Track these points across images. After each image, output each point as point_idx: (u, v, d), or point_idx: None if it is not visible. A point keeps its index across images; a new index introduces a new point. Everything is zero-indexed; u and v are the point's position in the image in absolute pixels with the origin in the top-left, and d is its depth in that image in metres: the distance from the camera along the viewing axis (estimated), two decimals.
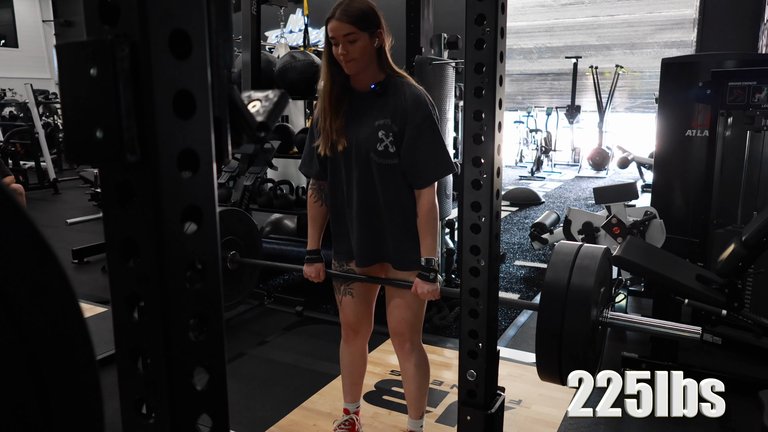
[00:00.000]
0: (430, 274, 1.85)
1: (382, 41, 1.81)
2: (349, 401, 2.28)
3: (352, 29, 1.73)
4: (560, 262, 1.54)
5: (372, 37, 1.77)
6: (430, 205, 1.85)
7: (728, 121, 3.13)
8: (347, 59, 1.75)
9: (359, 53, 1.75)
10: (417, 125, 1.80)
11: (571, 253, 1.56)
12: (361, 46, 1.75)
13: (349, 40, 1.74)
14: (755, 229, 2.40)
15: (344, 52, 1.75)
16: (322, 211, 2.05)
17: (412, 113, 1.80)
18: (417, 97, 1.81)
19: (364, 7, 1.76)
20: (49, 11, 16.40)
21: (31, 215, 0.41)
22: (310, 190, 2.05)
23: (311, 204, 2.05)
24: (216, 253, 0.50)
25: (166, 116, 0.45)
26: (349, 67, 1.77)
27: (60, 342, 0.43)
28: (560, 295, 1.50)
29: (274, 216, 4.59)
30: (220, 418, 0.53)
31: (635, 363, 2.82)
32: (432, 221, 1.86)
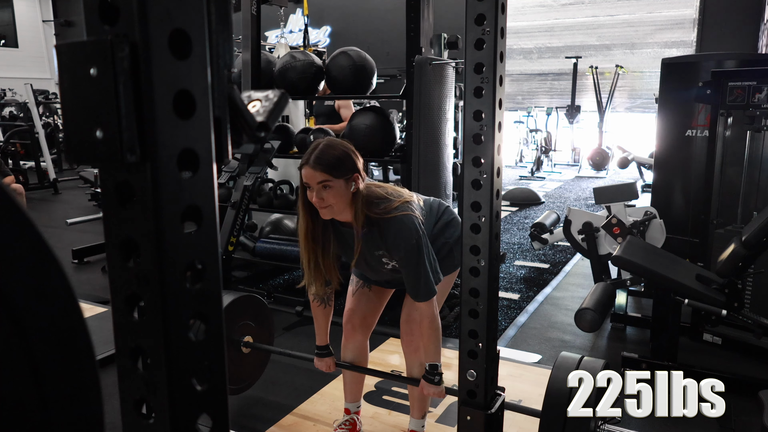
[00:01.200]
0: (434, 378, 1.94)
1: (358, 185, 1.77)
2: (349, 400, 2.28)
3: (325, 177, 1.71)
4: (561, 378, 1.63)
5: (348, 182, 1.74)
6: (429, 320, 1.89)
7: (728, 121, 3.13)
8: (322, 206, 1.74)
9: (334, 199, 1.73)
10: (399, 260, 1.84)
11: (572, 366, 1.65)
12: (336, 192, 1.72)
13: (323, 186, 1.72)
14: (755, 229, 2.40)
15: (318, 199, 1.72)
16: (326, 312, 2.09)
17: (394, 251, 1.83)
18: (397, 237, 1.79)
19: (338, 154, 1.73)
20: (49, 11, 16.41)
21: (31, 215, 0.41)
22: (311, 296, 2.05)
23: (314, 308, 2.09)
24: (216, 253, 0.50)
25: (166, 116, 0.45)
26: (325, 213, 1.76)
27: (60, 342, 0.43)
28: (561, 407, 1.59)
29: (274, 216, 4.59)
30: (220, 418, 0.53)
31: (635, 363, 2.82)
32: (433, 332, 1.90)
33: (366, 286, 2.15)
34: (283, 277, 4.41)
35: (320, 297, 2.01)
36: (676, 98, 3.77)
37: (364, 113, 3.61)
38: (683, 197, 3.85)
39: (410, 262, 1.80)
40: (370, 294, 2.15)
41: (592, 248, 3.57)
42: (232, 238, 3.66)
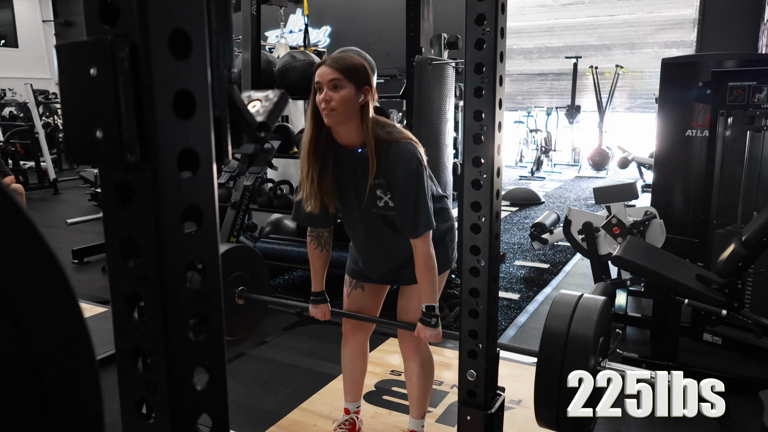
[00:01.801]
0: (431, 320, 1.89)
1: (367, 99, 1.74)
2: (349, 401, 2.28)
3: (338, 75, 1.69)
4: (559, 314, 1.59)
5: (358, 91, 1.72)
6: (424, 257, 1.84)
7: (728, 121, 3.13)
8: (328, 107, 1.70)
9: (340, 103, 1.69)
10: (398, 186, 1.78)
11: (570, 305, 1.60)
12: (345, 95, 1.70)
13: (334, 85, 1.70)
14: (755, 229, 2.40)
15: (326, 98, 1.70)
16: (324, 256, 2.05)
17: (394, 175, 1.77)
18: (398, 158, 1.76)
19: (356, 62, 1.73)
20: (49, 11, 16.40)
21: (31, 215, 0.41)
22: (309, 238, 2.03)
23: (311, 250, 2.05)
24: (216, 252, 0.50)
25: (166, 116, 0.45)
26: (329, 116, 1.71)
27: (60, 342, 0.43)
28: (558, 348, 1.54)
29: (274, 216, 4.59)
30: (220, 418, 0.53)
31: (635, 363, 2.82)
32: (429, 271, 1.85)
33: (359, 286, 2.12)
34: (283, 277, 4.42)
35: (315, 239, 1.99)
36: (676, 98, 3.77)
37: None
38: (683, 197, 3.85)
39: (409, 188, 1.75)
40: (365, 295, 2.13)
41: (592, 248, 3.57)
42: (232, 238, 3.66)
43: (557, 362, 1.52)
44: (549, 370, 1.53)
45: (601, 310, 1.58)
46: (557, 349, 1.53)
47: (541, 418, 1.59)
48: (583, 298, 1.62)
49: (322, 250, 2.03)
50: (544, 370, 1.54)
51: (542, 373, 1.55)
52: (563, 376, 1.50)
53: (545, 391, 1.54)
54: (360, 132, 1.76)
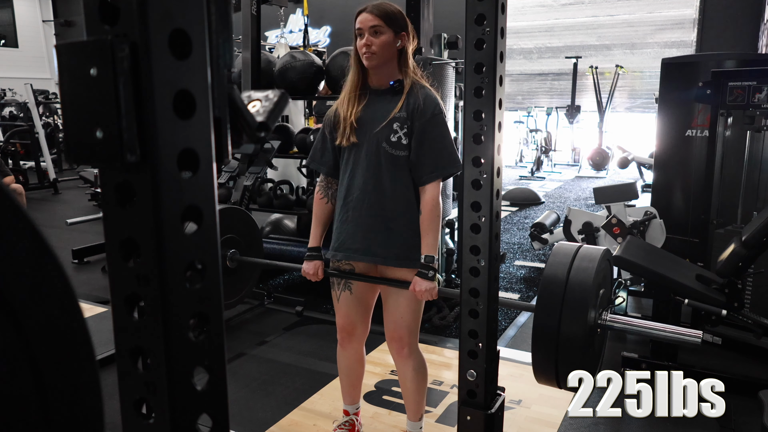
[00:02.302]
0: (429, 272, 1.85)
1: (404, 44, 1.86)
2: (348, 403, 2.27)
3: (378, 22, 1.80)
4: (558, 263, 1.52)
5: (396, 37, 1.83)
6: (433, 203, 1.87)
7: (728, 121, 3.13)
8: (369, 51, 1.81)
9: (380, 47, 1.81)
10: (425, 121, 1.85)
11: (570, 254, 1.54)
12: (384, 40, 1.81)
13: (374, 31, 1.81)
14: (755, 229, 2.40)
15: (368, 42, 1.81)
16: (328, 209, 2.05)
17: (422, 110, 1.85)
18: (429, 97, 1.87)
19: (394, 9, 1.85)
20: (49, 11, 16.41)
21: (31, 215, 0.41)
22: (317, 186, 2.06)
23: (317, 200, 2.06)
24: (216, 253, 0.50)
25: (166, 116, 0.45)
26: (369, 59, 1.82)
27: (60, 342, 0.43)
28: (557, 296, 1.47)
29: (274, 216, 4.59)
30: (220, 418, 0.53)
31: (635, 363, 2.82)
32: (435, 219, 1.87)
33: (347, 288, 2.04)
34: (283, 277, 4.42)
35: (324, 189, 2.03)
36: (676, 98, 3.77)
37: None
38: (683, 197, 3.85)
39: (436, 125, 1.85)
40: (354, 298, 2.04)
41: None
42: None
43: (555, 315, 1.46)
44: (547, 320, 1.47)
45: (600, 259, 1.52)
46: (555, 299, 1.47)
47: (540, 374, 1.55)
48: (582, 248, 1.57)
49: (328, 201, 2.04)
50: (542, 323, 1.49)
51: (540, 326, 1.49)
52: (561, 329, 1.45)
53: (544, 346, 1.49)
54: (395, 71, 1.88)
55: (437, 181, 1.87)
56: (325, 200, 2.05)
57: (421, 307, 2.00)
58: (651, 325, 1.63)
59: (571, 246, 1.59)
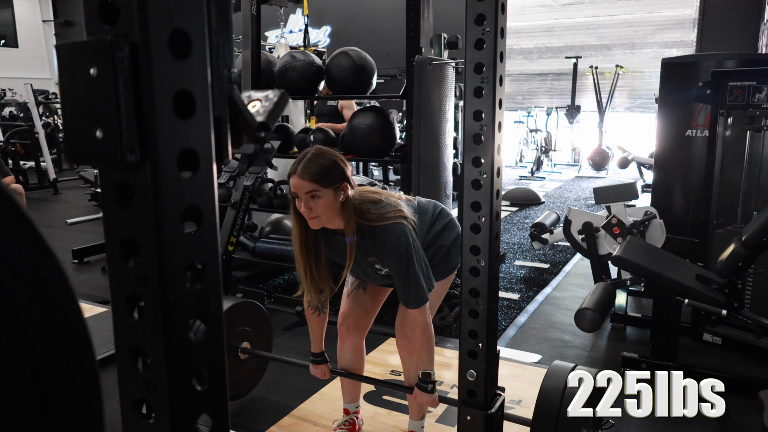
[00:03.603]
0: (428, 386, 1.93)
1: (347, 194, 1.75)
2: (348, 401, 2.28)
3: (313, 186, 1.69)
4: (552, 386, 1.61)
5: (336, 192, 1.72)
6: (421, 327, 1.89)
7: (728, 121, 3.13)
8: (310, 216, 1.72)
9: (323, 210, 1.71)
10: (390, 267, 1.84)
11: (564, 375, 1.62)
12: (325, 202, 1.71)
13: (311, 196, 1.70)
14: (755, 229, 2.40)
15: (306, 209, 1.71)
16: (321, 320, 2.07)
17: (384, 258, 1.83)
18: (387, 242, 1.78)
19: (326, 163, 1.71)
20: (49, 11, 16.41)
21: (31, 215, 0.41)
22: (305, 303, 2.02)
23: (308, 315, 2.06)
24: (216, 253, 0.50)
25: (166, 116, 0.45)
26: (313, 223, 1.74)
27: (60, 342, 0.43)
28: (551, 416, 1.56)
29: (274, 216, 4.59)
30: (220, 418, 0.53)
31: (635, 363, 2.82)
32: (425, 341, 1.90)
33: (362, 287, 2.14)
34: (283, 277, 4.41)
35: (315, 305, 1.99)
36: (676, 98, 3.77)
37: (364, 113, 3.61)
38: (683, 197, 3.85)
39: (400, 269, 1.79)
40: (366, 295, 2.14)
41: (592, 248, 3.57)
42: (232, 238, 3.66)
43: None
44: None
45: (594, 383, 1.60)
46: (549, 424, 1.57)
47: None
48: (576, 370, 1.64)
49: (319, 314, 2.05)
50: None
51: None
52: None
53: None
54: (348, 221, 1.77)
55: (419, 309, 1.86)
56: (316, 314, 2.05)
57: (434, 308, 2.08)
58: None
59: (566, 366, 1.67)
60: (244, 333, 2.43)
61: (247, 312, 2.47)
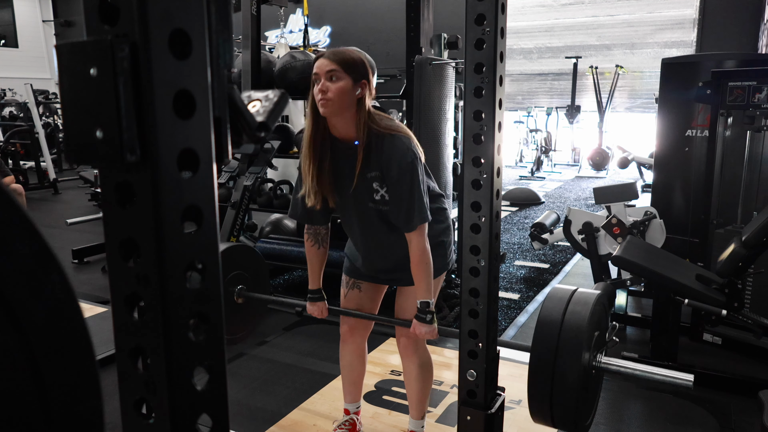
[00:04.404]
0: (426, 316, 1.88)
1: (364, 93, 1.75)
2: (348, 401, 2.28)
3: (335, 66, 1.70)
4: (553, 308, 1.56)
5: (355, 84, 1.73)
6: (419, 252, 1.84)
7: (728, 121, 3.13)
8: (324, 97, 1.70)
9: (337, 94, 1.70)
10: (392, 178, 1.79)
11: (565, 298, 1.58)
12: (341, 87, 1.70)
13: (331, 76, 1.70)
14: (755, 229, 2.40)
15: (323, 88, 1.70)
16: (321, 254, 2.05)
17: (388, 168, 1.78)
18: (393, 150, 1.77)
19: (354, 56, 1.75)
20: (49, 11, 16.41)
21: (31, 215, 0.41)
22: (306, 235, 2.03)
23: (308, 248, 2.04)
24: (216, 253, 0.50)
25: (166, 116, 0.45)
26: (325, 106, 1.72)
27: (60, 342, 0.43)
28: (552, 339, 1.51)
29: (274, 216, 4.59)
30: (220, 418, 0.53)
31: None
32: (424, 266, 1.85)
33: (356, 286, 2.11)
34: (283, 277, 4.42)
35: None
36: (676, 98, 3.77)
37: None
38: (683, 197, 3.85)
39: (403, 181, 1.76)
40: (362, 295, 2.11)
41: (592, 248, 3.57)
42: (232, 238, 3.66)
43: (550, 357, 1.49)
44: (541, 364, 1.50)
45: (595, 303, 1.54)
46: (550, 344, 1.50)
47: (536, 414, 1.57)
48: (577, 292, 1.59)
49: (319, 247, 2.03)
50: (537, 364, 1.52)
51: (535, 367, 1.52)
52: (556, 371, 1.48)
53: (538, 387, 1.51)
54: (355, 124, 1.77)
55: (418, 230, 1.83)
56: (316, 246, 2.03)
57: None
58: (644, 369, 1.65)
59: (567, 290, 1.62)
60: (240, 277, 2.39)
61: (242, 256, 2.43)
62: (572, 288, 1.63)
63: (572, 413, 1.49)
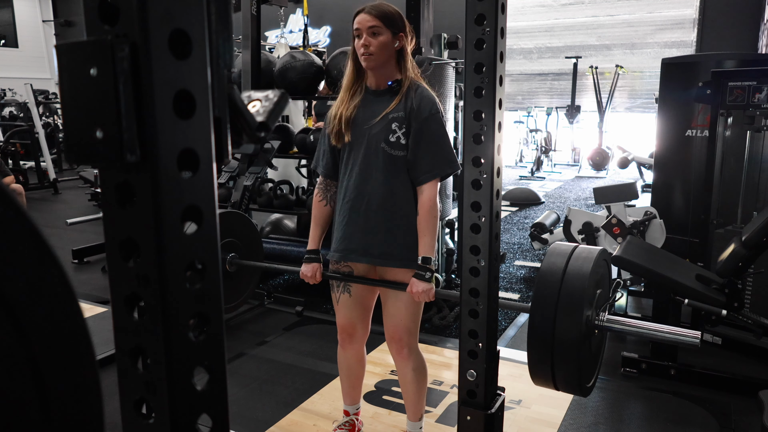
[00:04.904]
0: (426, 273, 1.83)
1: (402, 44, 1.86)
2: (348, 403, 2.27)
3: (376, 23, 1.81)
4: (553, 263, 1.48)
5: (394, 37, 1.84)
6: (431, 203, 1.85)
7: (728, 121, 3.13)
8: (367, 51, 1.82)
9: (378, 48, 1.81)
10: (422, 120, 1.84)
11: (565, 254, 1.50)
12: (382, 41, 1.81)
13: (372, 32, 1.81)
14: (755, 229, 2.40)
15: (366, 43, 1.82)
16: (326, 212, 2.04)
17: (419, 110, 1.84)
18: (425, 97, 1.86)
19: (392, 9, 1.86)
20: (49, 11, 16.41)
21: (31, 215, 0.41)
22: (316, 189, 2.06)
23: (316, 203, 2.05)
24: (216, 253, 0.50)
25: (166, 116, 0.45)
26: (367, 60, 1.83)
27: (60, 342, 0.43)
28: (551, 296, 1.44)
29: (274, 216, 4.59)
30: (220, 418, 0.53)
31: (635, 363, 2.82)
32: (432, 219, 1.85)
33: (346, 290, 2.04)
34: (283, 277, 4.41)
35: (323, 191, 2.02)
36: (676, 98, 3.77)
37: None
38: (683, 197, 3.85)
39: (432, 125, 1.84)
40: (354, 301, 2.05)
41: None
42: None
43: (549, 314, 1.42)
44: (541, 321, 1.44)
45: (597, 259, 1.48)
46: (549, 300, 1.43)
47: (537, 376, 1.51)
48: (578, 248, 1.53)
49: (326, 203, 2.04)
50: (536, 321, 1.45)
51: (534, 324, 1.46)
52: (556, 329, 1.41)
53: (538, 346, 1.45)
54: (393, 72, 1.88)
55: (434, 181, 1.86)
56: (323, 202, 2.04)
57: (421, 308, 1.99)
58: (649, 326, 1.60)
59: (567, 246, 1.55)
60: (232, 245, 2.35)
61: (233, 223, 2.38)
62: (573, 244, 1.56)
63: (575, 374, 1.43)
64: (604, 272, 1.59)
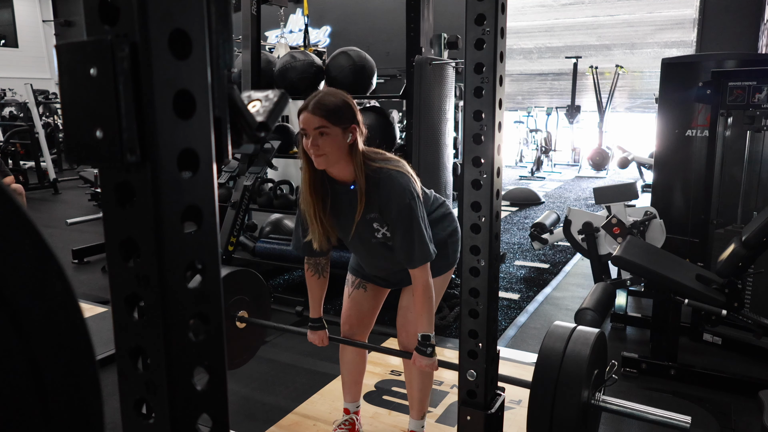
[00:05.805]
0: (427, 349, 1.89)
1: (355, 137, 1.74)
2: (348, 401, 2.28)
3: (323, 122, 1.68)
4: (553, 346, 1.59)
5: (345, 132, 1.72)
6: (422, 287, 1.85)
7: (728, 121, 3.13)
8: (317, 153, 1.70)
9: (329, 148, 1.70)
10: (392, 221, 1.80)
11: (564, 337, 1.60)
12: (332, 140, 1.70)
13: (320, 132, 1.69)
14: (755, 229, 2.40)
15: (314, 145, 1.69)
16: (321, 283, 2.06)
17: (387, 210, 1.79)
18: (390, 192, 1.77)
19: (338, 102, 1.71)
20: (49, 11, 16.41)
21: (31, 215, 0.41)
22: (306, 265, 2.04)
23: (309, 277, 2.05)
24: (216, 253, 0.50)
25: (166, 116, 0.45)
26: (319, 161, 1.72)
27: (60, 342, 0.43)
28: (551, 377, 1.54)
29: (274, 216, 4.59)
30: (220, 418, 0.53)
31: (635, 363, 2.82)
32: (427, 301, 1.86)
33: (362, 287, 2.13)
34: (283, 277, 4.41)
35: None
36: (676, 98, 3.77)
37: (364, 113, 3.61)
38: (683, 197, 3.85)
39: (403, 222, 1.77)
40: (366, 295, 2.14)
41: (592, 248, 3.57)
42: (232, 238, 3.66)
43: (549, 395, 1.53)
44: (541, 402, 1.54)
45: (594, 343, 1.58)
46: (549, 383, 1.54)
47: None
48: (576, 330, 1.63)
49: (319, 277, 2.04)
50: (536, 402, 1.55)
51: (534, 405, 1.56)
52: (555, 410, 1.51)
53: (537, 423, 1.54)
54: (351, 168, 1.77)
55: (423, 266, 1.84)
56: (316, 276, 2.04)
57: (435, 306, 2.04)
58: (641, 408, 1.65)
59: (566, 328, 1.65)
60: (242, 302, 2.39)
61: (245, 281, 2.43)
62: (571, 326, 1.66)
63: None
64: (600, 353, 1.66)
